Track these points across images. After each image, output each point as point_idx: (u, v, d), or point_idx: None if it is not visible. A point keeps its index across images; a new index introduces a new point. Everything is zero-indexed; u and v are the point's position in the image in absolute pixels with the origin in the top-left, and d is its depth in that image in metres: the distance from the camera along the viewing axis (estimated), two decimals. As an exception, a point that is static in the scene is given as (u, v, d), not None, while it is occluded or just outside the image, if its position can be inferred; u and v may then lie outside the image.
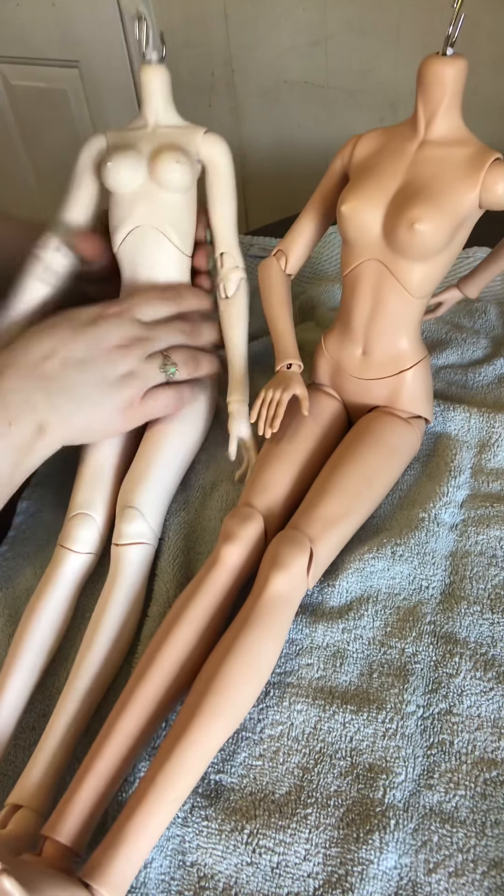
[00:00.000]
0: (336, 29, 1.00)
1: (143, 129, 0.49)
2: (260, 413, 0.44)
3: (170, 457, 0.48)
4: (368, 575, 0.43)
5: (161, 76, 0.47)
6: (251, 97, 1.15)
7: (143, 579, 0.43)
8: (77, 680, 0.39)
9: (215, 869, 0.33)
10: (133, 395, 0.45)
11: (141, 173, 0.47)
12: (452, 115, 0.40)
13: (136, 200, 0.48)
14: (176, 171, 0.46)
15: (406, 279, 0.42)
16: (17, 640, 0.41)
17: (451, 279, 0.65)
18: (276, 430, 0.44)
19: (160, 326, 0.48)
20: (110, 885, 0.30)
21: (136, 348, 0.46)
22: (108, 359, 0.45)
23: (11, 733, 0.38)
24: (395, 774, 0.35)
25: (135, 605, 0.42)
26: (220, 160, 0.49)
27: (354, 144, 0.44)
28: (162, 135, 0.48)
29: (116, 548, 0.43)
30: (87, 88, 1.31)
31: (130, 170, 0.47)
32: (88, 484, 0.47)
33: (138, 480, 0.45)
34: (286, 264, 0.48)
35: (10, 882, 0.26)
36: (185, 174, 0.47)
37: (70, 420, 0.43)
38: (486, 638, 0.40)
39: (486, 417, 0.51)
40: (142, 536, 0.44)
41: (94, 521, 0.45)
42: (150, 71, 0.47)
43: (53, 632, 0.42)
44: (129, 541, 0.43)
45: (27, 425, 0.41)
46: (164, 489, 0.47)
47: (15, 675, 0.39)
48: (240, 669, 0.35)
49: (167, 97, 0.48)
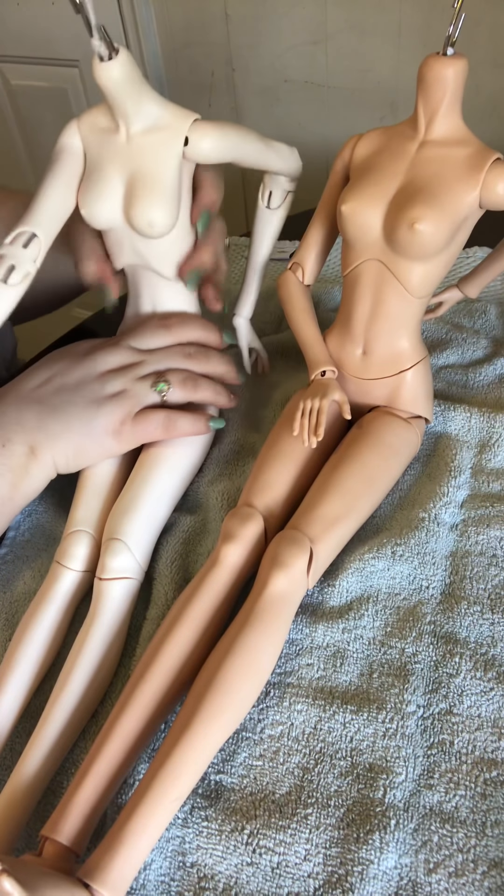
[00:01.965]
0: (336, 28, 1.00)
1: (116, 135, 0.42)
2: (301, 424, 0.44)
3: (161, 485, 0.46)
4: (368, 575, 0.43)
5: (115, 73, 0.39)
6: (251, 96, 1.15)
7: (125, 616, 0.41)
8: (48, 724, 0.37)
9: (215, 869, 0.33)
10: (123, 413, 0.44)
11: (117, 218, 0.43)
12: (453, 115, 0.40)
13: (121, 240, 0.45)
14: (150, 231, 0.42)
15: (406, 279, 0.42)
16: (7, 657, 0.40)
17: (452, 279, 0.65)
18: (321, 439, 0.43)
19: (158, 351, 0.47)
20: (110, 885, 0.30)
21: (129, 371, 0.45)
22: (100, 381, 0.45)
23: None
24: (396, 774, 0.35)
25: (114, 644, 0.40)
26: (215, 153, 0.42)
27: (354, 144, 0.44)
28: (137, 149, 0.42)
29: (99, 581, 0.41)
30: (87, 88, 1.31)
31: (104, 216, 0.43)
32: (87, 500, 0.45)
33: (126, 511, 0.43)
34: (303, 275, 0.48)
35: (9, 882, 0.26)
36: (161, 226, 0.42)
37: (59, 439, 0.43)
38: (486, 638, 0.40)
39: (486, 417, 0.51)
40: (126, 571, 0.42)
41: (90, 539, 0.44)
42: (100, 72, 0.39)
43: (44, 651, 0.41)
44: (113, 575, 0.41)
45: (19, 445, 0.42)
46: (154, 520, 0.45)
47: (2, 695, 0.39)
48: (240, 669, 0.35)
49: (135, 92, 0.40)
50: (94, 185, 0.43)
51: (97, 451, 0.45)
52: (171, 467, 0.47)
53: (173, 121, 0.42)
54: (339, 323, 0.47)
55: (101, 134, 0.43)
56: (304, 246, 0.48)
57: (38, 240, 0.42)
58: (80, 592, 0.44)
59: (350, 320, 0.46)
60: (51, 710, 0.37)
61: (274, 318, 0.66)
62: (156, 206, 0.42)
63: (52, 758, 0.36)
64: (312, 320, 0.48)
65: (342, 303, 0.47)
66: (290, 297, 0.48)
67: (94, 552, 0.44)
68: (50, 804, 0.36)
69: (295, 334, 0.48)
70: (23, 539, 0.50)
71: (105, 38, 0.38)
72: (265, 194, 0.49)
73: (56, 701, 0.38)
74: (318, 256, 0.48)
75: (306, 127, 1.13)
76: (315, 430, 0.43)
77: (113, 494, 0.46)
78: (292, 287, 0.48)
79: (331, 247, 0.48)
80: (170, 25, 1.16)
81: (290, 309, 0.48)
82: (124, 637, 0.42)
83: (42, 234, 0.43)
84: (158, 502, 0.45)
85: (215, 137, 0.42)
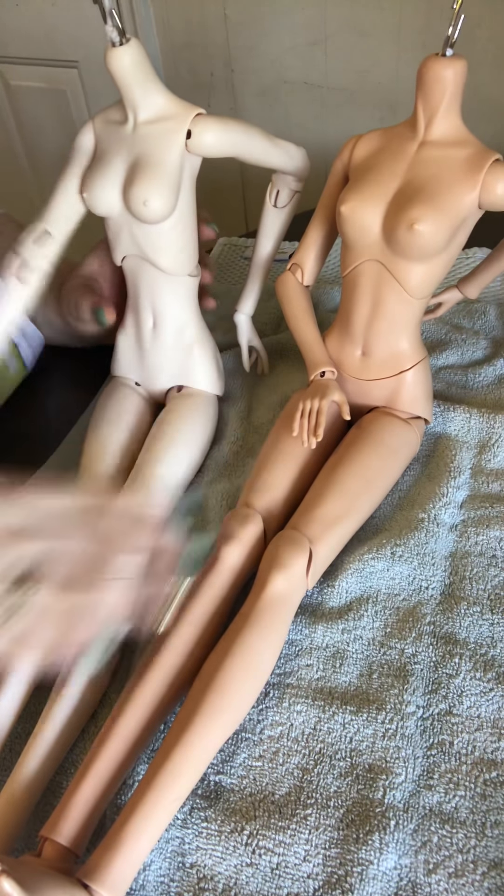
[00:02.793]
0: (336, 29, 1.00)
1: (124, 125, 0.44)
2: (301, 425, 0.44)
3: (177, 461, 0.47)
4: (368, 575, 0.43)
5: (127, 59, 0.41)
6: (250, 97, 1.14)
7: None
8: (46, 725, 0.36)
9: (215, 870, 0.33)
10: None
11: (116, 203, 0.44)
12: (452, 116, 0.40)
13: (120, 229, 0.46)
14: (146, 212, 0.43)
15: (406, 280, 0.42)
16: None
17: (451, 280, 0.65)
18: (320, 440, 0.43)
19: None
20: (109, 885, 0.30)
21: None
22: None
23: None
24: (395, 775, 0.35)
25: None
26: (217, 146, 0.43)
27: (354, 145, 0.44)
28: (141, 138, 0.43)
29: None
30: (87, 88, 1.31)
31: (104, 202, 0.44)
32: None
33: None
34: (302, 276, 0.48)
35: (9, 883, 0.26)
36: (158, 211, 0.43)
37: None
38: (485, 638, 0.40)
39: (485, 418, 0.51)
40: None
41: None
42: (112, 57, 0.41)
43: None
44: None
45: None
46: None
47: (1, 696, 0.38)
48: (239, 670, 0.35)
49: (143, 80, 0.42)
50: (97, 170, 0.44)
51: None
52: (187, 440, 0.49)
53: (178, 112, 0.43)
54: (339, 324, 0.47)
55: (112, 126, 0.45)
56: (304, 247, 0.48)
57: (52, 237, 0.46)
58: None
59: (349, 321, 0.46)
60: (49, 711, 0.37)
61: (273, 318, 0.66)
62: (153, 187, 0.43)
63: (51, 759, 0.36)
64: (312, 321, 0.48)
65: (341, 304, 0.47)
66: (290, 297, 0.48)
67: None
68: (49, 805, 0.36)
69: (294, 335, 0.48)
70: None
71: (117, 24, 0.40)
72: (272, 193, 0.50)
73: (55, 702, 0.38)
74: (317, 257, 0.48)
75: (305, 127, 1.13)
76: (314, 430, 0.43)
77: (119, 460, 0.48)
78: (291, 288, 0.48)
79: (330, 247, 0.48)
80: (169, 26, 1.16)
81: (290, 310, 0.48)
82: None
83: (56, 233, 0.46)
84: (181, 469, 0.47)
85: (218, 131, 0.43)
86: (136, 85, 0.42)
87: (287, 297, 0.48)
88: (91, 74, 1.33)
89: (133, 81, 0.42)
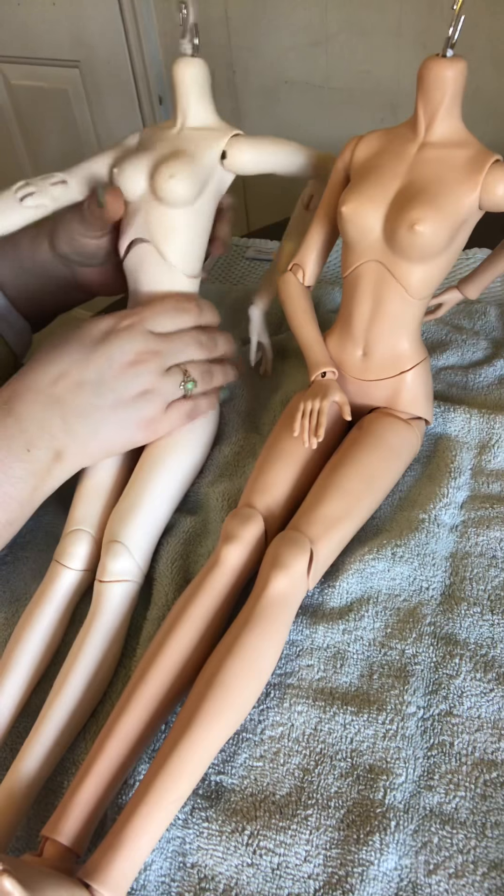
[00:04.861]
0: (336, 29, 1.00)
1: (171, 129, 0.47)
2: (302, 425, 0.44)
3: (161, 487, 0.46)
4: (369, 576, 0.43)
5: (193, 70, 0.45)
6: (251, 98, 1.15)
7: (124, 618, 0.41)
8: (45, 724, 0.37)
9: (216, 870, 0.33)
10: (152, 413, 0.45)
11: (142, 183, 0.46)
12: (452, 117, 0.40)
13: (138, 210, 0.47)
14: (168, 186, 0.44)
15: (406, 280, 0.42)
16: (5, 655, 0.40)
17: (452, 280, 0.65)
18: (321, 440, 0.43)
19: (175, 338, 0.46)
20: (110, 885, 0.30)
21: (150, 363, 0.44)
22: (122, 378, 0.43)
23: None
24: (396, 776, 0.35)
25: (112, 646, 0.40)
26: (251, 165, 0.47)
27: (355, 146, 0.44)
28: (184, 138, 0.46)
29: (99, 584, 0.42)
30: (88, 88, 1.31)
31: (132, 179, 0.45)
32: (87, 500, 0.45)
33: (126, 513, 0.44)
34: (304, 277, 0.48)
35: (10, 882, 0.26)
36: (180, 191, 0.44)
37: (89, 444, 0.43)
38: (486, 639, 0.40)
39: (486, 419, 0.51)
40: (126, 574, 0.42)
41: (90, 538, 0.44)
42: (181, 64, 0.45)
43: (43, 650, 0.41)
44: (113, 578, 0.42)
45: (45, 451, 0.41)
46: (154, 523, 0.45)
47: (0, 693, 0.39)
48: (240, 670, 0.35)
49: (200, 94, 0.46)
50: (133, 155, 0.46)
51: (125, 446, 0.46)
52: (172, 469, 0.47)
53: (219, 129, 0.47)
54: (340, 324, 0.48)
55: (158, 130, 0.48)
56: (305, 247, 0.48)
57: (67, 186, 0.48)
58: (80, 592, 0.44)
59: (350, 322, 0.46)
60: (48, 709, 0.37)
61: (274, 319, 0.66)
62: (183, 166, 0.45)
63: (50, 757, 0.36)
64: (313, 321, 0.48)
65: (342, 304, 0.47)
66: (291, 299, 0.48)
67: (93, 551, 0.44)
68: (50, 804, 0.36)
69: (295, 335, 0.48)
70: (23, 539, 0.50)
71: (194, 41, 0.44)
72: (306, 197, 0.51)
73: (53, 701, 0.38)
74: (318, 258, 0.48)
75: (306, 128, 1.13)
76: (315, 431, 0.43)
77: (113, 493, 0.46)
78: (293, 288, 0.48)
79: (331, 248, 0.48)
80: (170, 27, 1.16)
81: (291, 310, 0.48)
82: (123, 639, 0.42)
83: (73, 184, 0.48)
84: (159, 504, 0.45)
85: (252, 154, 0.47)
86: (191, 95, 0.46)
87: (289, 297, 0.48)
88: (93, 74, 1.33)
89: (190, 91, 0.45)
